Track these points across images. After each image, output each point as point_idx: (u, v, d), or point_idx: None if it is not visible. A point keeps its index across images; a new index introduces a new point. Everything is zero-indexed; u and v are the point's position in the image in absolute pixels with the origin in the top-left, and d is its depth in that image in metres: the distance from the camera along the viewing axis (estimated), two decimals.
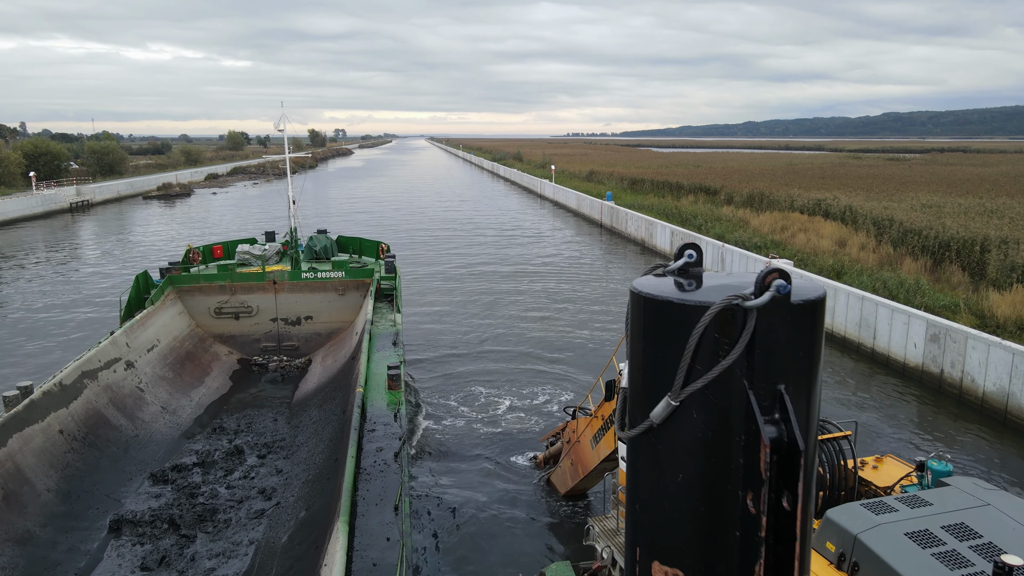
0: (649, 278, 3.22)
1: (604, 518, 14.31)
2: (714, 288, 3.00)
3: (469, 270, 58.45)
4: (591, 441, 18.51)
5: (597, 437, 18.03)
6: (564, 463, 21.16)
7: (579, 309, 45.32)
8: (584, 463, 19.26)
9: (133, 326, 27.85)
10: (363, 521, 14.84)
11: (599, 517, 14.64)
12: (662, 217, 70.84)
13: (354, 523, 14.61)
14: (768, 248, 52.62)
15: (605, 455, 17.76)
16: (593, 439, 18.35)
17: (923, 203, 63.39)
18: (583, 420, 19.19)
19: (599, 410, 17.77)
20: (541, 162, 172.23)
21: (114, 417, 23.33)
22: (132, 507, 20.03)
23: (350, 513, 14.37)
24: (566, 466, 20.99)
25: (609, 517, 14.21)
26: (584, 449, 19.12)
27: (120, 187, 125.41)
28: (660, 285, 3.12)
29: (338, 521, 13.64)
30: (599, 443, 17.90)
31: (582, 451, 19.33)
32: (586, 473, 19.42)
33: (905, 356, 32.28)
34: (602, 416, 17.54)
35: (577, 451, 19.72)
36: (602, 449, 17.84)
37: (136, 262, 62.00)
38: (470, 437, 26.31)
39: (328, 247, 38.92)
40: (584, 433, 18.95)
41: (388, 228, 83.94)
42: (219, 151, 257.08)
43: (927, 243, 46.74)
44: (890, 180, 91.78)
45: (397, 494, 15.81)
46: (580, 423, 19.40)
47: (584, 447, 19.11)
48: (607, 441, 17.26)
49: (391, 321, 29.58)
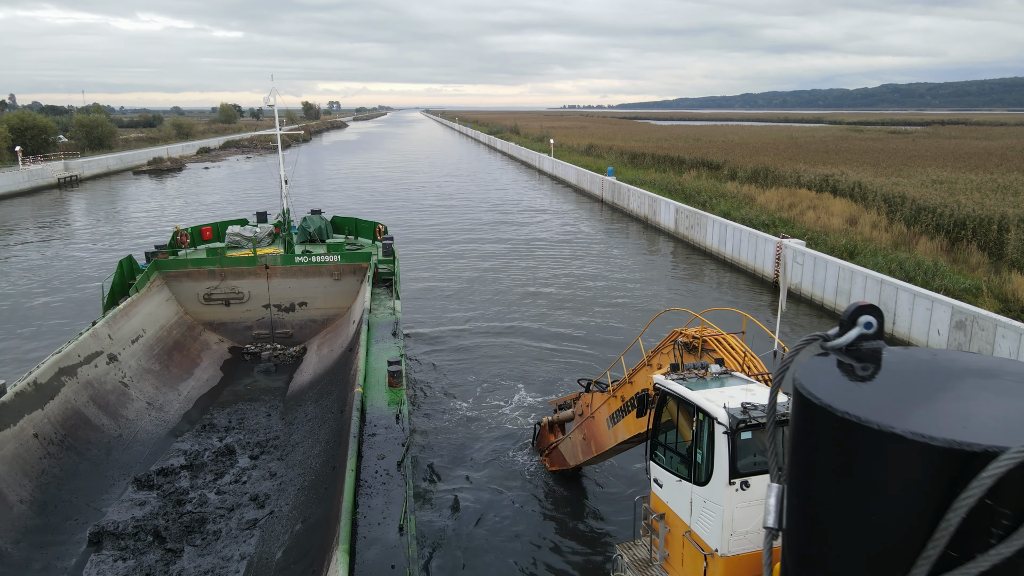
0: (822, 365, 1.98)
1: (633, 545, 12.98)
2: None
3: (468, 248, 56.81)
4: (607, 420, 17.58)
5: (615, 418, 17.09)
6: (575, 436, 20.24)
7: (582, 288, 43.81)
8: (599, 442, 18.36)
9: (116, 315, 26.25)
10: (364, 545, 13.46)
11: (627, 544, 13.33)
12: (665, 193, 69.12)
13: (355, 548, 13.23)
14: (777, 226, 51.06)
15: (623, 439, 16.85)
16: (610, 418, 17.41)
17: (933, 179, 61.79)
18: (599, 396, 18.21)
19: (618, 390, 16.73)
20: (538, 135, 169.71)
21: (95, 416, 21.84)
22: (114, 517, 18.62)
23: (350, 536, 12.97)
24: (577, 439, 20.09)
25: (639, 544, 12.88)
26: (599, 427, 18.17)
27: (110, 161, 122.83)
28: (852, 393, 1.86)
29: (337, 550, 12.24)
30: (616, 425, 16.99)
31: (597, 429, 18.37)
32: (600, 452, 18.58)
33: (927, 343, 30.91)
34: (622, 397, 16.55)
35: (591, 427, 18.76)
36: (620, 432, 16.91)
37: (125, 242, 60.20)
38: (475, 434, 24.83)
39: (322, 228, 37.24)
40: (600, 410, 18.02)
41: (384, 204, 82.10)
42: (211, 124, 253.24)
43: (942, 221, 45.22)
44: (895, 154, 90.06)
45: (401, 511, 14.41)
46: (595, 398, 18.41)
47: (599, 425, 18.14)
48: (627, 425, 16.36)
49: (390, 309, 28.05)
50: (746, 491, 10.39)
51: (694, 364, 11.79)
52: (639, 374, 15.46)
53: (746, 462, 10.50)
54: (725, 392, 10.99)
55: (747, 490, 10.40)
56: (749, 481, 10.42)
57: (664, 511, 11.73)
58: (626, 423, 16.40)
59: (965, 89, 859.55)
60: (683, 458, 11.27)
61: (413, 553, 13.26)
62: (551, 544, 18.89)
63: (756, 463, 10.53)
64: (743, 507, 10.43)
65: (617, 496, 20.73)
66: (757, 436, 10.47)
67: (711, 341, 13.22)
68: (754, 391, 11.01)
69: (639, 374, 15.46)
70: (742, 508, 10.42)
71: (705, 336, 13.27)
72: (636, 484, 20.88)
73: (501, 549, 18.64)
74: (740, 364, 12.48)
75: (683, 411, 11.27)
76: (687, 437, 11.16)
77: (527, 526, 19.66)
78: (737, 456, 10.33)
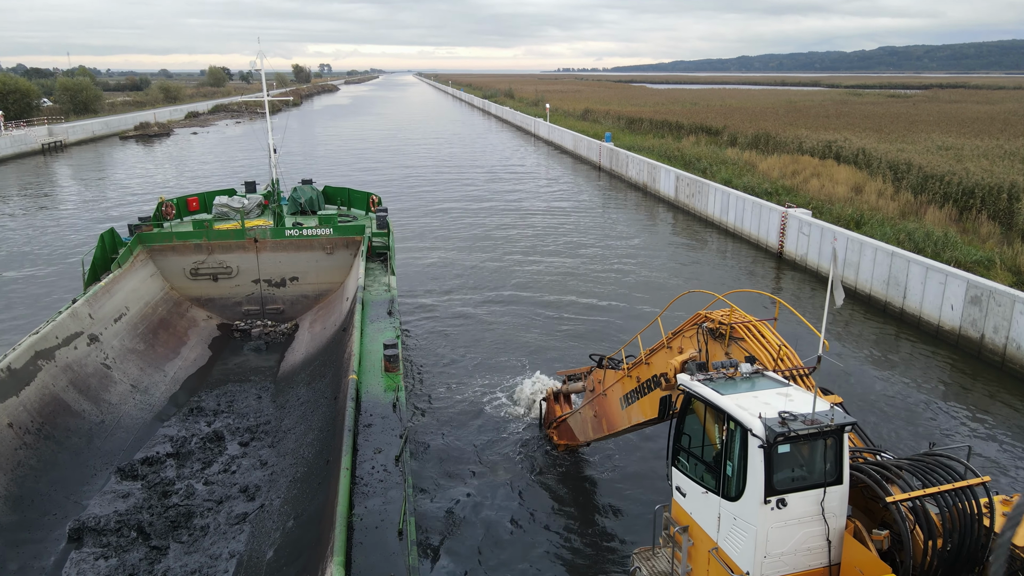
0: None
1: (652, 556, 12.03)
2: None
3: (463, 216, 55.41)
4: (620, 400, 16.76)
5: (629, 398, 16.26)
6: (585, 411, 19.42)
7: (581, 258, 42.63)
8: (611, 421, 17.59)
9: (97, 293, 25.00)
10: (361, 552, 12.50)
11: (644, 551, 12.38)
12: (664, 160, 67.60)
13: (351, 557, 12.27)
14: (780, 195, 49.82)
15: (637, 421, 16.04)
16: (623, 398, 16.58)
17: (939, 145, 60.44)
18: (611, 373, 17.34)
19: (634, 370, 15.83)
20: (533, 99, 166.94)
21: (75, 402, 20.74)
22: (96, 511, 17.63)
23: (346, 545, 11.99)
24: (587, 415, 19.29)
25: (659, 554, 11.91)
26: (612, 406, 17.36)
27: (95, 126, 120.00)
28: None
29: (332, 562, 11.25)
30: (631, 406, 16.18)
31: (609, 408, 17.55)
32: (612, 432, 17.80)
33: (940, 318, 29.99)
34: (637, 378, 15.66)
35: (603, 405, 17.94)
36: (634, 414, 16.10)
37: (110, 211, 58.54)
38: (475, 417, 23.72)
39: (314, 199, 35.84)
40: (613, 388, 17.19)
41: (377, 172, 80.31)
42: (200, 88, 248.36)
43: (949, 190, 44.04)
44: (897, 119, 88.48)
45: (400, 513, 13.44)
46: (608, 375, 17.55)
47: (612, 404, 17.33)
48: (642, 408, 15.55)
49: (385, 285, 26.88)
50: (783, 510, 9.38)
51: (722, 363, 10.69)
52: (657, 356, 14.41)
53: (783, 477, 9.47)
54: (759, 398, 9.92)
55: (784, 509, 9.39)
56: (786, 499, 9.40)
57: (688, 523, 10.74)
58: (641, 406, 15.46)
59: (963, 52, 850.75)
60: (710, 468, 10.24)
61: (414, 562, 12.32)
62: (562, 548, 17.62)
63: (795, 479, 9.50)
64: (779, 527, 9.43)
65: (634, 497, 19.36)
66: (796, 449, 9.42)
67: (740, 329, 12.12)
68: (792, 397, 9.92)
69: (657, 356, 14.41)
70: (778, 528, 9.42)
71: (734, 323, 12.12)
72: (653, 484, 19.62)
73: (506, 552, 17.50)
74: (774, 358, 11.38)
75: (711, 415, 10.22)
76: (715, 444, 10.13)
77: (535, 527, 18.45)
78: (773, 471, 9.30)
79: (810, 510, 9.51)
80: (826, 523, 9.55)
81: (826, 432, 9.29)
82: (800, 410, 9.40)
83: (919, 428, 23.03)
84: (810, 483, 9.53)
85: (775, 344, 11.67)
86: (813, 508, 9.51)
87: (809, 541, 9.57)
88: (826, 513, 9.53)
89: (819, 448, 9.52)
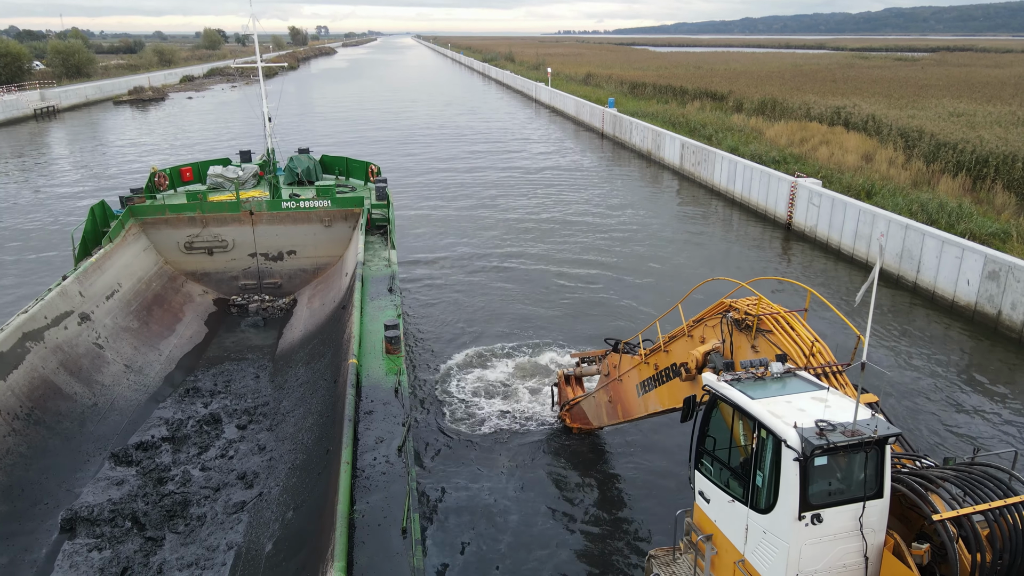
0: None
1: (672, 561, 11.40)
2: None
3: (463, 184, 54.31)
4: (637, 387, 16.20)
5: (646, 386, 15.69)
6: (599, 396, 18.86)
7: (585, 228, 41.73)
8: (627, 408, 17.05)
9: (88, 269, 24.18)
10: (363, 553, 11.90)
11: (662, 553, 11.76)
12: (669, 127, 66.23)
13: (352, 558, 11.66)
14: (788, 163, 48.72)
15: (654, 410, 15.47)
16: (640, 385, 16.01)
17: (950, 111, 59.08)
18: (627, 358, 16.75)
19: (651, 357, 15.22)
20: (534, 63, 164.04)
21: (66, 384, 20.06)
22: (89, 499, 17.07)
23: (347, 549, 11.37)
24: (601, 400, 18.74)
25: (679, 560, 11.28)
26: (627, 392, 16.81)
27: (88, 91, 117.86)
28: None
29: (332, 569, 10.65)
30: (648, 394, 15.62)
31: (624, 394, 17.00)
32: (627, 419, 17.27)
33: (955, 293, 29.23)
34: (655, 365, 15.04)
35: (618, 390, 17.39)
36: (651, 402, 15.53)
37: (103, 182, 57.40)
38: (482, 399, 22.99)
39: (311, 169, 34.80)
40: (629, 374, 16.62)
41: (375, 140, 78.86)
42: (195, 50, 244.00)
43: (963, 158, 42.96)
44: (906, 84, 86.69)
45: (404, 510, 12.81)
46: (623, 360, 16.96)
47: (627, 390, 16.78)
48: (659, 397, 14.98)
49: (385, 260, 26.04)
50: (818, 526, 8.68)
51: (752, 362, 9.93)
52: (677, 344, 13.67)
53: (819, 490, 8.75)
54: (793, 403, 9.15)
55: (819, 525, 8.69)
56: (822, 515, 8.69)
57: (711, 531, 10.09)
58: (659, 395, 14.80)
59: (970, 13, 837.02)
60: (737, 475, 9.54)
61: (418, 563, 11.70)
62: (575, 545, 16.80)
63: (831, 492, 8.78)
64: (813, 544, 8.74)
65: (652, 495, 18.36)
66: (834, 460, 8.68)
67: (768, 321, 11.33)
68: (829, 403, 9.16)
69: (677, 344, 13.67)
70: (812, 545, 8.73)
71: (761, 315, 11.32)
72: (672, 481, 18.63)
73: (514, 551, 16.75)
74: (806, 355, 10.61)
75: (739, 419, 9.49)
76: (743, 450, 9.41)
77: (544, 523, 17.62)
78: (809, 485, 8.57)
79: (847, 525, 8.83)
80: (864, 539, 8.87)
81: (868, 443, 8.56)
82: (839, 418, 8.66)
83: (936, 407, 22.42)
84: (848, 497, 8.82)
85: (807, 339, 10.88)
86: (851, 523, 8.82)
87: (845, 558, 8.90)
88: (864, 528, 8.85)
89: (859, 459, 8.80)
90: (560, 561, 16.43)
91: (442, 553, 16.65)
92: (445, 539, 17.11)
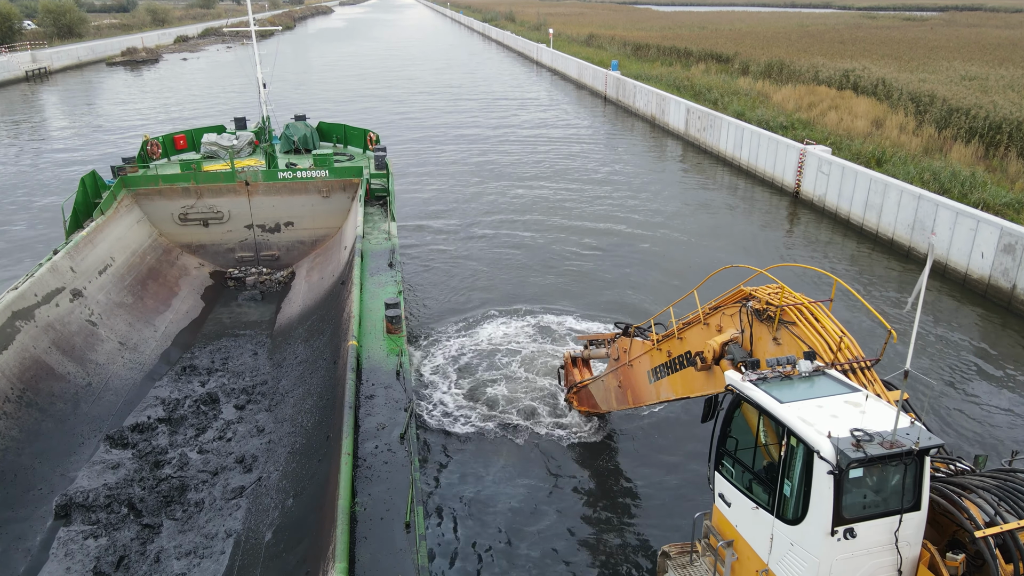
0: None
1: (689, 564, 10.94)
2: None
3: (461, 149, 53.23)
4: (648, 373, 15.69)
5: (657, 373, 15.17)
6: (608, 381, 18.31)
7: (586, 196, 40.90)
8: (637, 394, 16.58)
9: (80, 243, 23.50)
10: (366, 549, 11.48)
11: (676, 552, 11.31)
12: (673, 90, 64.78)
13: (354, 555, 11.24)
14: (796, 129, 47.63)
15: (666, 398, 14.98)
16: (652, 372, 15.50)
17: (962, 74, 57.70)
18: (638, 343, 16.18)
19: (664, 343, 14.64)
20: (535, 23, 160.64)
21: (59, 364, 19.54)
22: (84, 483, 16.67)
23: (348, 548, 10.93)
24: (610, 384, 18.21)
25: (696, 564, 10.82)
26: (638, 378, 16.31)
27: (80, 52, 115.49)
28: None
29: (333, 569, 10.22)
30: (660, 381, 15.12)
31: (635, 380, 16.49)
32: (637, 405, 16.82)
33: (968, 266, 28.58)
34: (668, 352, 14.48)
35: (628, 376, 16.87)
36: (663, 390, 15.02)
37: (96, 149, 56.26)
38: (485, 380, 22.32)
39: (308, 136, 33.85)
40: (640, 360, 16.10)
41: (373, 103, 77.33)
42: (189, 9, 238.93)
43: (975, 124, 41.91)
44: (916, 45, 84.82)
45: (407, 502, 12.37)
46: (634, 345, 16.39)
47: (638, 376, 16.28)
48: (672, 385, 14.46)
49: (385, 233, 25.35)
50: (851, 541, 8.15)
51: (778, 360, 9.33)
52: (692, 331, 13.06)
53: (853, 502, 8.21)
54: (825, 408, 8.56)
55: (852, 539, 8.16)
56: (855, 529, 8.16)
57: (732, 536, 9.61)
58: (671, 382, 14.25)
59: None
60: (761, 480, 9.00)
61: (423, 560, 11.28)
62: (584, 539, 16.30)
63: (867, 505, 8.25)
64: (845, 559, 8.22)
65: (665, 487, 17.88)
66: (870, 471, 8.12)
67: (791, 312, 10.73)
68: (864, 408, 8.57)
69: (692, 331, 13.06)
70: (843, 560, 8.21)
71: (784, 305, 10.68)
72: (688, 475, 18.03)
73: (521, 546, 16.21)
74: (833, 350, 10.00)
75: (766, 422, 8.92)
76: (768, 455, 8.87)
77: (550, 514, 17.04)
78: (842, 498, 8.03)
79: (882, 540, 8.30)
80: (899, 553, 8.37)
81: (916, 452, 7.97)
82: (876, 425, 8.08)
83: (946, 388, 21.96)
84: (884, 510, 8.28)
85: (834, 333, 10.24)
86: (886, 537, 8.30)
87: (879, 573, 8.40)
88: (900, 542, 8.33)
89: (897, 470, 8.25)
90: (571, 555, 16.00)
91: (445, 548, 16.16)
92: (448, 532, 16.64)
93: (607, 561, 15.89)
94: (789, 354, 9.98)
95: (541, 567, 15.63)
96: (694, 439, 19.27)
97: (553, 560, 15.84)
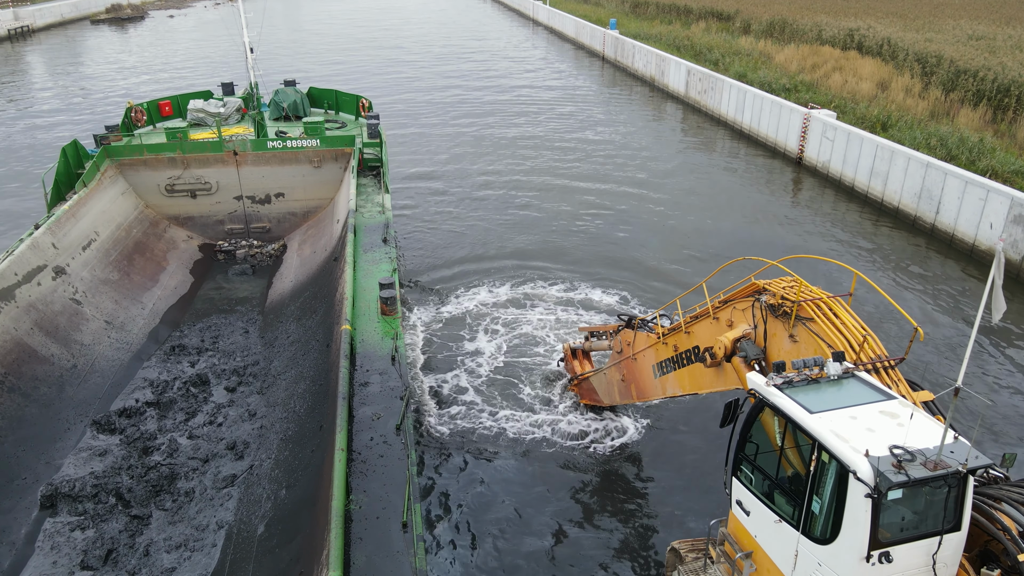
0: None
1: (702, 570, 10.50)
2: None
3: (454, 112, 51.94)
4: (654, 367, 15.19)
5: (663, 367, 14.67)
6: (611, 374, 17.79)
7: (586, 161, 39.95)
8: (642, 388, 16.10)
9: (61, 218, 22.67)
10: (361, 551, 11.02)
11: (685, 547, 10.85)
12: (673, 51, 63.20)
13: (349, 558, 10.78)
14: (799, 91, 46.46)
15: (672, 393, 14.52)
16: (657, 366, 15.00)
17: (969, 34, 56.27)
18: (642, 336, 15.65)
19: (670, 337, 14.11)
20: None
21: (42, 346, 18.90)
22: (70, 472, 16.17)
23: (343, 553, 10.44)
24: (613, 378, 17.71)
25: (710, 571, 10.34)
26: (643, 372, 15.83)
27: (64, 9, 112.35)
28: None
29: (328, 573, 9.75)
30: (666, 376, 14.62)
31: (640, 374, 16.00)
32: (642, 400, 16.41)
33: (976, 237, 27.95)
34: (674, 346, 13.94)
35: (632, 369, 16.38)
36: (669, 385, 14.53)
37: (79, 113, 54.78)
38: (482, 365, 21.56)
39: (298, 103, 32.73)
40: (644, 353, 15.61)
41: (366, 64, 75.43)
42: None
43: (983, 87, 40.85)
44: (921, 2, 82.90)
45: (404, 499, 11.89)
46: (638, 338, 15.86)
47: (643, 369, 15.79)
48: (679, 380, 13.97)
49: (379, 206, 24.54)
50: (886, 565, 7.63)
51: (805, 361, 8.69)
52: (700, 326, 12.43)
53: (890, 523, 7.66)
54: (859, 420, 7.95)
55: (888, 563, 7.63)
56: (891, 553, 7.63)
57: (751, 547, 9.12)
58: (678, 378, 13.68)
59: None
60: (786, 492, 8.45)
61: (420, 563, 10.84)
62: (589, 538, 15.75)
63: (904, 527, 7.70)
64: None
65: (673, 486, 17.16)
66: (909, 491, 7.53)
67: (808, 307, 10.09)
68: (901, 419, 7.95)
69: (700, 326, 12.43)
70: None
71: (801, 301, 10.04)
72: (696, 471, 17.18)
73: (525, 543, 15.68)
74: (856, 349, 9.37)
75: (792, 430, 8.32)
76: (791, 465, 8.30)
77: (551, 509, 16.52)
78: (879, 521, 7.46)
79: (919, 562, 7.76)
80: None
81: (961, 474, 7.38)
82: (917, 442, 7.47)
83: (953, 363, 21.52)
84: (923, 532, 7.75)
85: (857, 330, 9.61)
86: (923, 560, 7.76)
87: None
88: (937, 564, 7.81)
89: (939, 490, 7.69)
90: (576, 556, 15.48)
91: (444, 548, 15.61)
92: (446, 530, 16.10)
93: (619, 558, 15.50)
94: (807, 352, 9.38)
95: (544, 568, 15.15)
96: (696, 437, 18.67)
97: (557, 560, 15.45)
